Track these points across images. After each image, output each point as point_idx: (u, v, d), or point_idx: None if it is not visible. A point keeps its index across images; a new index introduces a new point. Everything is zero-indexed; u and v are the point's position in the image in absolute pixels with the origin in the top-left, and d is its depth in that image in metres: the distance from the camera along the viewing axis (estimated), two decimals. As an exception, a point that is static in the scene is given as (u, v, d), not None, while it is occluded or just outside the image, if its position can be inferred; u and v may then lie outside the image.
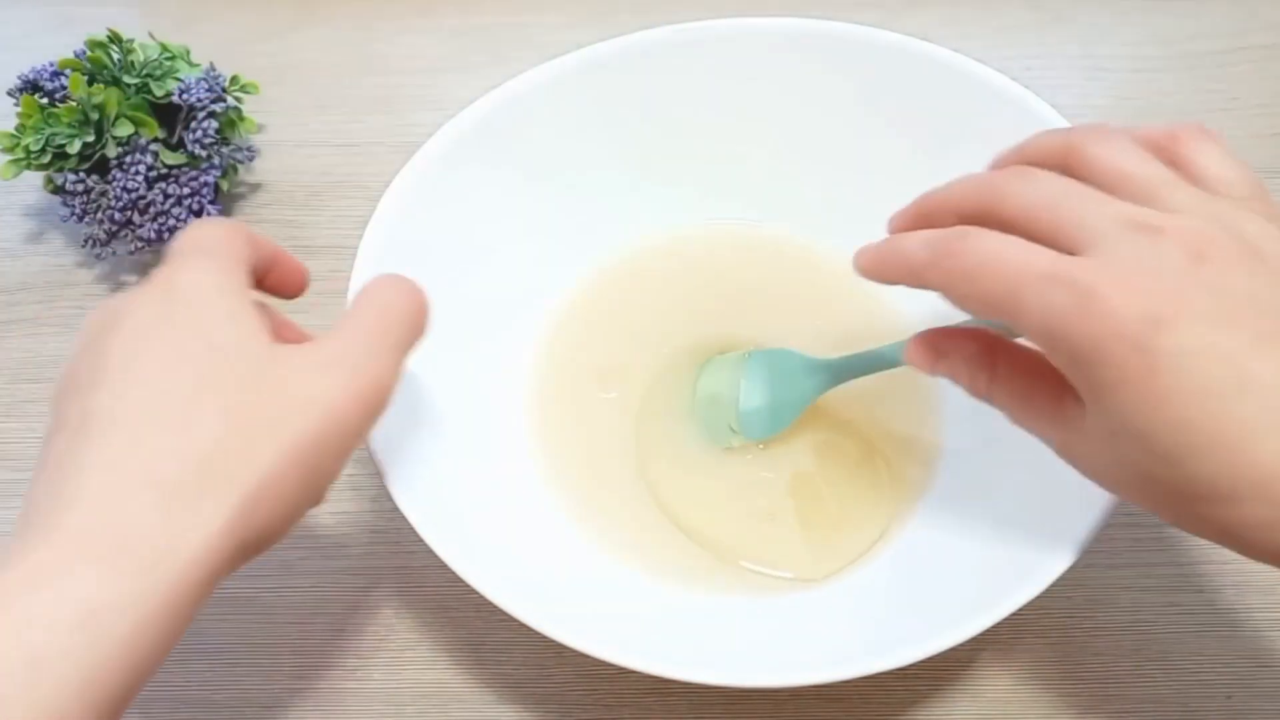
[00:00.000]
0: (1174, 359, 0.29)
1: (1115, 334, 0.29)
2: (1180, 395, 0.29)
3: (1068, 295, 0.29)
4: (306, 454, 0.32)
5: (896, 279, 0.34)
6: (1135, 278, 0.29)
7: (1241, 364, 0.29)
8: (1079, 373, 0.31)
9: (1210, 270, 0.29)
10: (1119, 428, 0.30)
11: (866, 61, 0.48)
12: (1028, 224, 0.31)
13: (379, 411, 0.34)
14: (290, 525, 0.33)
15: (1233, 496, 0.29)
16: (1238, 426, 0.28)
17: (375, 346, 0.34)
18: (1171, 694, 0.43)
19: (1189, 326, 0.29)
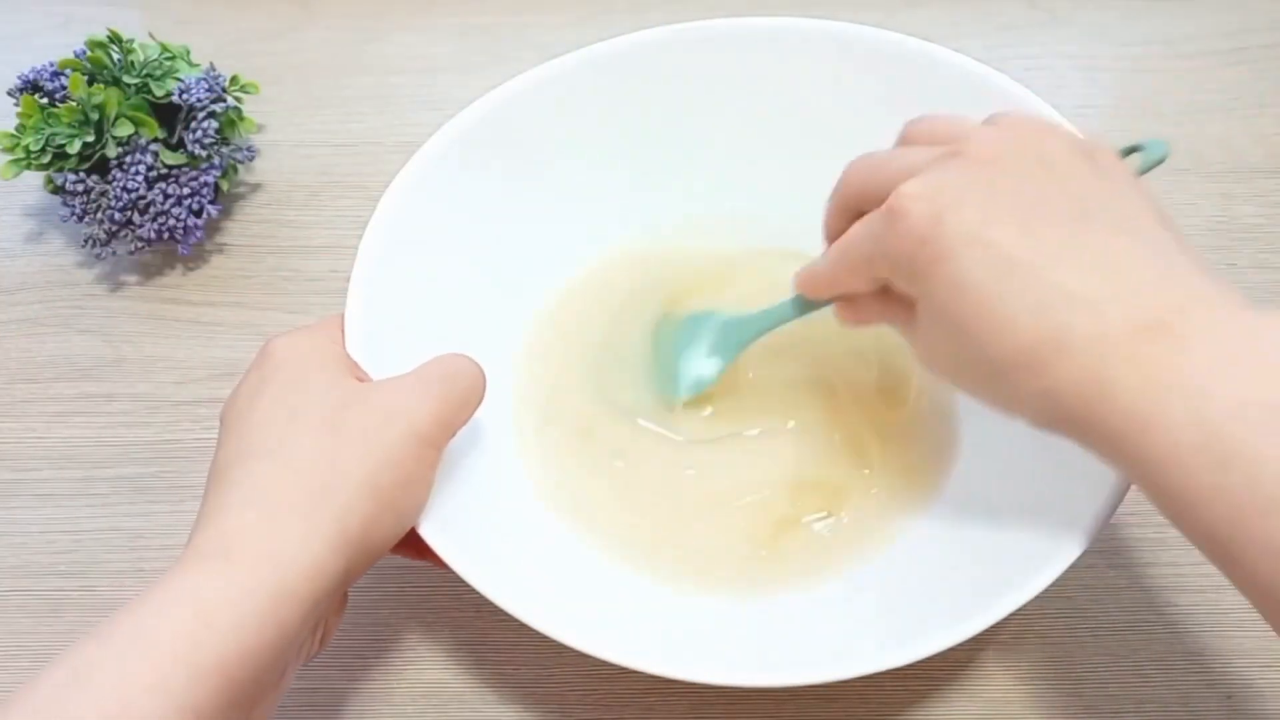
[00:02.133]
0: (952, 246, 0.33)
1: (911, 235, 0.34)
2: (961, 279, 0.33)
3: (883, 221, 0.35)
4: (396, 458, 0.37)
5: (820, 295, 0.41)
6: (927, 190, 0.34)
7: (1009, 250, 0.32)
8: (903, 279, 0.35)
9: (993, 172, 0.34)
10: (933, 316, 0.34)
11: (866, 61, 0.48)
12: (868, 191, 0.37)
13: (453, 430, 0.39)
14: (392, 528, 0.37)
15: (1010, 370, 0.33)
16: (1005, 306, 0.32)
17: (446, 386, 0.39)
18: (1171, 694, 0.43)
19: (964, 216, 0.33)
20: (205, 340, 0.54)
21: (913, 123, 0.38)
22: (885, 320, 0.38)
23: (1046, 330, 0.31)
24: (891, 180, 0.35)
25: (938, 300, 0.34)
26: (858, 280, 0.37)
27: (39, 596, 0.48)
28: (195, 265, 0.56)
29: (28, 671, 0.45)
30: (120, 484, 0.50)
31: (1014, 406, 0.34)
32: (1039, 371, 0.32)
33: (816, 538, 0.45)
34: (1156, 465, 0.30)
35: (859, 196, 0.37)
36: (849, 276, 0.38)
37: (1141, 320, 0.31)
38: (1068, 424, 0.32)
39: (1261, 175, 0.56)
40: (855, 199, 0.38)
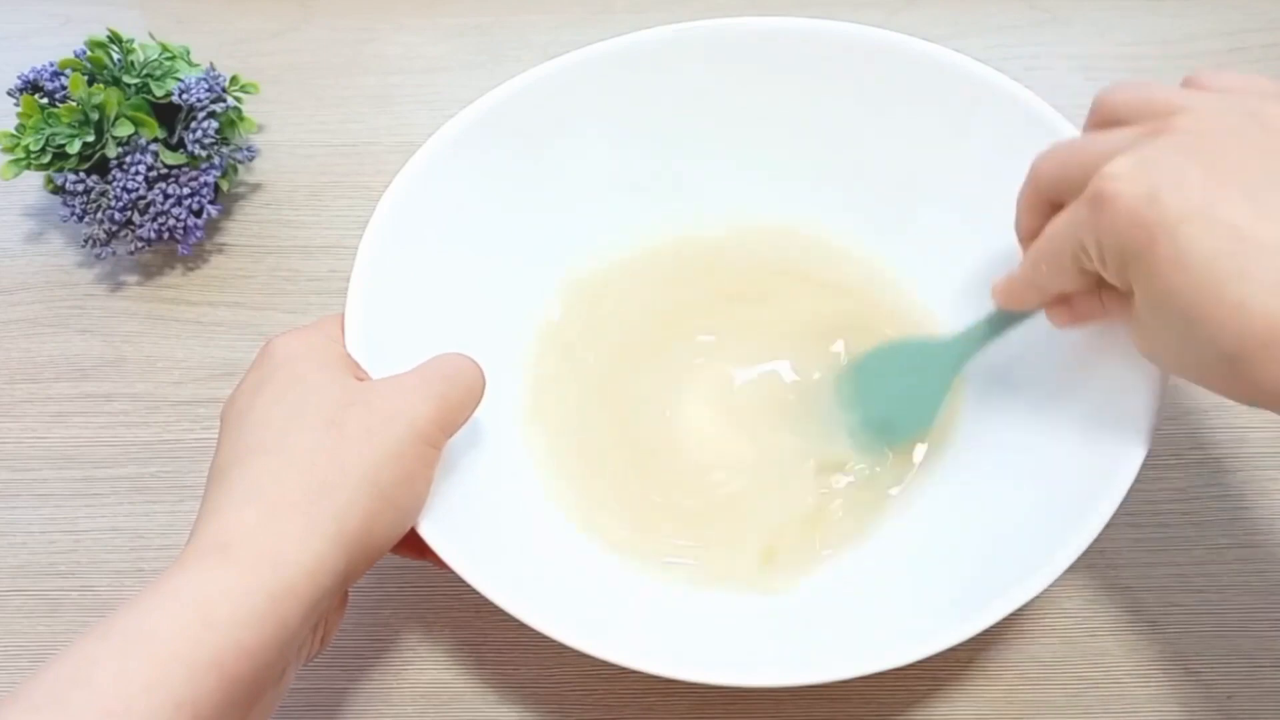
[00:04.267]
0: (1170, 228, 0.30)
1: (1124, 218, 0.31)
2: (1182, 261, 0.30)
3: (1089, 208, 0.32)
4: (396, 456, 0.36)
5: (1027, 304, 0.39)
6: (1138, 168, 0.31)
7: (1236, 225, 0.30)
8: (1116, 269, 0.33)
9: (1208, 146, 0.31)
10: (1153, 305, 0.32)
11: (866, 61, 0.48)
12: (1066, 181, 0.34)
13: (453, 429, 0.39)
14: (392, 527, 0.37)
15: (1244, 356, 0.30)
16: (1236, 286, 0.30)
17: (446, 386, 0.39)
18: (1171, 694, 0.43)
19: (1181, 195, 0.30)
20: (205, 340, 0.54)
21: (1107, 95, 0.35)
22: (1106, 317, 0.36)
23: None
24: (1093, 164, 0.32)
25: (1159, 286, 0.31)
26: (1065, 279, 0.35)
27: (38, 596, 0.48)
28: (195, 265, 0.56)
29: (27, 671, 0.45)
30: (120, 484, 0.50)
31: (1253, 396, 0.31)
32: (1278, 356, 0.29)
33: (817, 538, 0.45)
34: None
35: (1055, 187, 0.35)
36: (1056, 276, 0.36)
37: None
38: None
39: (1261, 175, 0.56)
40: (1051, 190, 0.35)
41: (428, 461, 0.38)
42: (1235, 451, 0.48)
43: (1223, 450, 0.48)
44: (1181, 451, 0.48)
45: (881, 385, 0.45)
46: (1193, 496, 0.47)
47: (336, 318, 0.43)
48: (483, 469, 0.43)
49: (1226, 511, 0.47)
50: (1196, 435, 0.48)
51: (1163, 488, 0.47)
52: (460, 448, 0.42)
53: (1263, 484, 0.47)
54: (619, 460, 0.47)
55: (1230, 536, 0.46)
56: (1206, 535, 0.46)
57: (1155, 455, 0.46)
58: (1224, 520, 0.46)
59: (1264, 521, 0.46)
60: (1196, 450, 0.48)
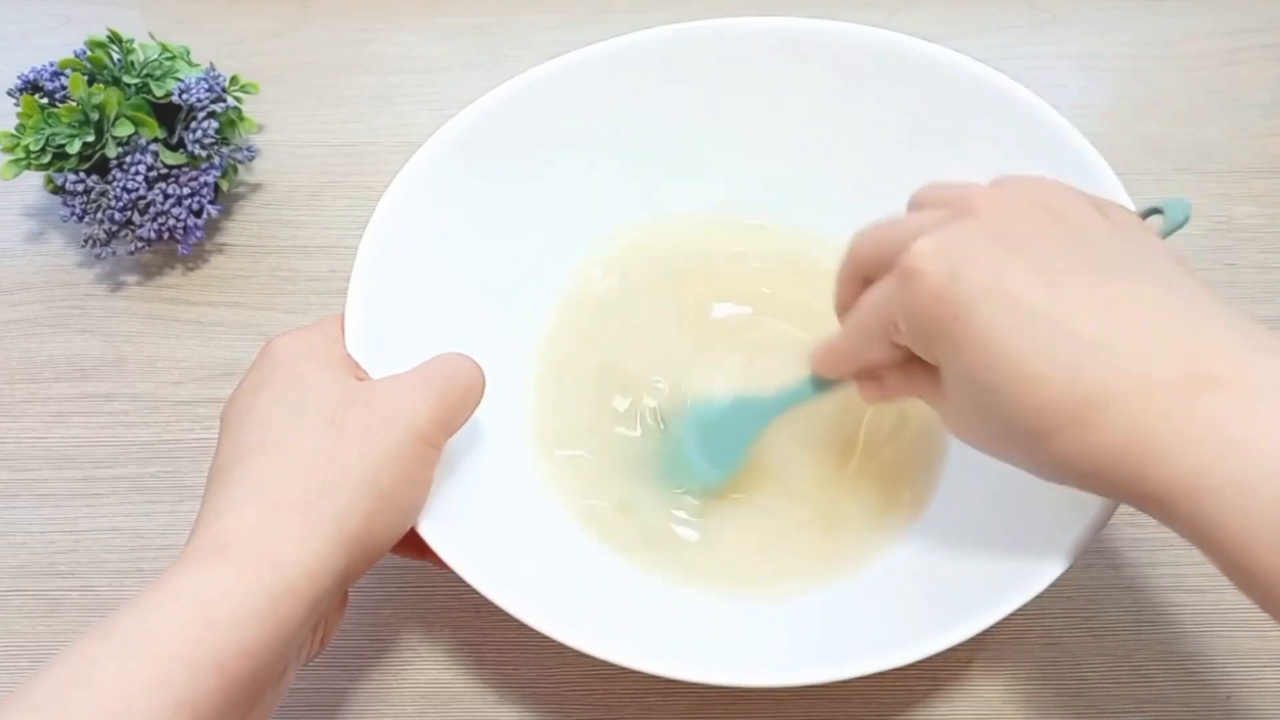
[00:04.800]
0: (970, 303, 0.31)
1: (928, 294, 0.32)
2: (984, 336, 0.31)
3: (897, 284, 0.34)
4: (396, 456, 0.36)
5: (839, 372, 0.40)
6: (942, 246, 0.33)
7: (1031, 300, 0.31)
8: (923, 344, 0.34)
9: (1005, 226, 0.32)
10: (957, 381, 0.33)
11: (866, 61, 0.48)
12: (879, 258, 0.36)
13: (453, 429, 0.39)
14: (392, 527, 0.37)
15: (1043, 432, 0.31)
16: (1032, 361, 0.31)
17: (445, 385, 0.39)
18: (1171, 694, 0.43)
19: (981, 269, 0.32)
20: (205, 340, 0.54)
21: (920, 190, 0.37)
22: (911, 393, 0.37)
23: (1084, 386, 0.30)
24: (902, 243, 0.34)
25: (963, 362, 0.32)
26: (876, 350, 0.36)
27: (38, 596, 0.48)
28: (195, 265, 0.56)
29: (27, 671, 0.45)
30: (120, 484, 0.50)
31: (1055, 471, 0.32)
32: (1076, 430, 0.30)
33: (817, 539, 0.45)
34: (1208, 524, 0.28)
35: (870, 264, 0.36)
36: (867, 347, 0.37)
37: (1189, 372, 0.29)
38: (1108, 483, 0.31)
39: (1261, 176, 0.56)
40: (866, 267, 0.37)
41: (428, 461, 0.38)
42: (1235, 451, 0.48)
43: (1223, 450, 0.48)
44: (1181, 451, 0.48)
45: (703, 435, 0.46)
46: (1193, 496, 0.47)
47: (336, 318, 0.43)
48: (483, 469, 0.43)
49: (1226, 511, 0.47)
50: (1196, 435, 0.48)
51: (1163, 488, 0.47)
52: (460, 448, 0.42)
53: (1263, 484, 0.47)
54: (619, 459, 0.47)
55: (1230, 536, 0.46)
56: (1206, 535, 0.46)
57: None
58: (1224, 520, 0.46)
59: (1264, 521, 0.46)
60: (1196, 450, 0.48)
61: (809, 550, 0.44)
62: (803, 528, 0.45)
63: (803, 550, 0.44)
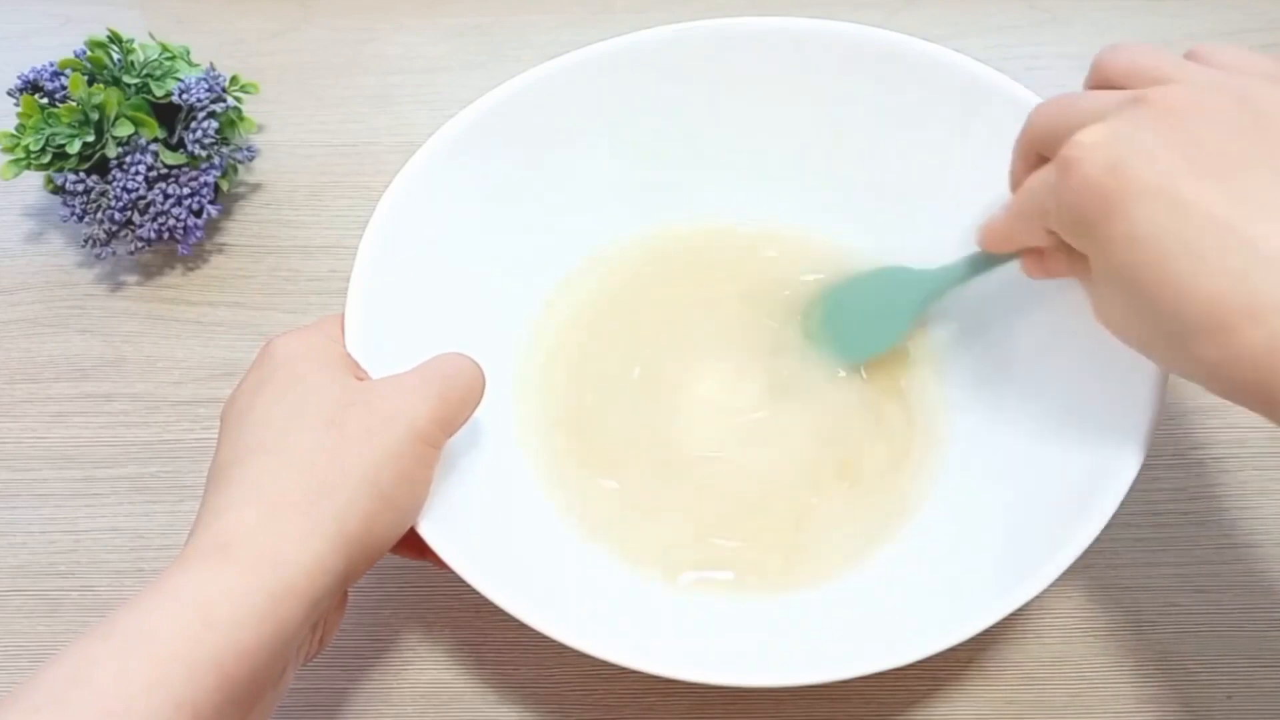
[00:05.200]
0: (1128, 199, 0.30)
1: (1085, 188, 0.31)
2: (1137, 235, 0.30)
3: (1056, 172, 0.33)
4: (396, 456, 0.36)
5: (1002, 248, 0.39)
6: (1106, 139, 0.31)
7: (1194, 203, 0.29)
8: (1074, 235, 0.33)
9: (1184, 121, 0.31)
10: (1105, 274, 0.32)
11: (866, 61, 0.48)
12: (1052, 136, 0.34)
13: (453, 429, 0.39)
14: (392, 527, 0.37)
15: (1185, 334, 0.30)
16: (1187, 264, 0.30)
17: (445, 385, 0.39)
18: (1171, 694, 0.43)
19: (1144, 167, 0.30)
20: (205, 340, 0.54)
21: (1106, 56, 0.35)
22: (1072, 274, 0.36)
23: (1235, 294, 0.29)
24: (1076, 124, 0.32)
25: (1112, 258, 0.31)
26: (1033, 234, 0.36)
27: (38, 596, 0.48)
28: (195, 265, 0.56)
29: (27, 671, 0.45)
30: (120, 484, 0.50)
31: (1193, 372, 0.32)
32: (1224, 339, 0.29)
33: (817, 539, 0.45)
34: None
35: (1043, 141, 0.35)
36: (1025, 230, 0.36)
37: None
38: (1251, 394, 0.30)
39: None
40: (1039, 142, 0.35)
41: (427, 461, 0.38)
42: (1235, 451, 0.48)
43: (1223, 450, 0.48)
44: (1181, 451, 0.48)
45: (856, 305, 0.45)
46: (1193, 496, 0.47)
47: (336, 318, 0.43)
48: (483, 469, 0.43)
49: (1226, 511, 0.47)
50: (1196, 435, 0.48)
51: (1163, 488, 0.47)
52: (460, 448, 0.42)
53: (1263, 484, 0.47)
54: (619, 459, 0.47)
55: (1230, 536, 0.46)
56: (1206, 535, 0.46)
57: (1155, 455, 0.47)
58: (1224, 520, 0.46)
59: (1264, 521, 0.46)
60: (1196, 450, 0.48)
61: (809, 550, 0.44)
62: (802, 528, 0.45)
63: (803, 550, 0.44)
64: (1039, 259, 0.38)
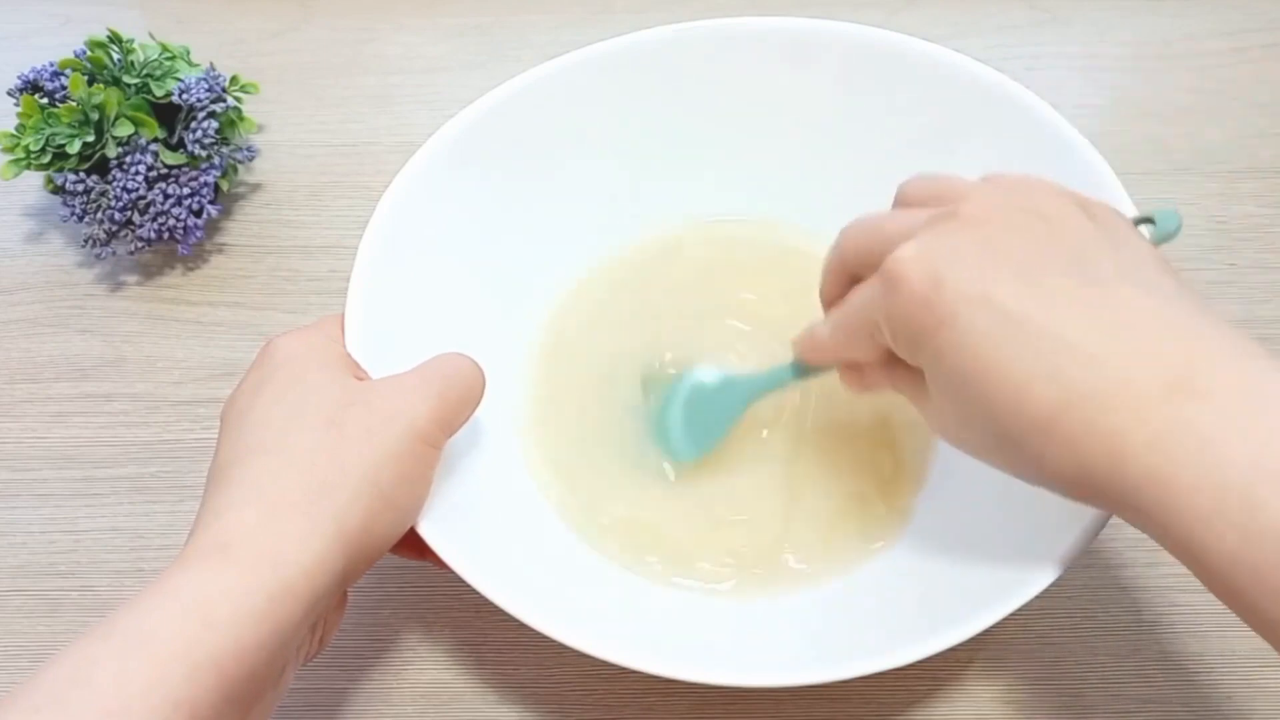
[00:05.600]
0: (953, 309, 0.32)
1: (912, 300, 0.32)
2: (965, 343, 0.31)
3: (881, 287, 0.34)
4: (396, 456, 0.36)
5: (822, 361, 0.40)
6: (924, 252, 0.33)
7: (1012, 307, 0.31)
8: (906, 348, 0.34)
9: (989, 229, 0.32)
10: (939, 385, 0.33)
11: (867, 61, 0.48)
12: (865, 256, 0.36)
13: (452, 430, 0.39)
14: (392, 527, 0.37)
15: (1026, 437, 0.31)
16: (1012, 368, 0.31)
17: (445, 386, 0.39)
18: (1171, 694, 0.43)
19: (963, 276, 0.32)
20: (205, 340, 0.54)
21: (907, 183, 0.37)
22: (892, 388, 0.37)
23: (1060, 392, 0.30)
24: (888, 243, 0.34)
25: (944, 367, 0.32)
26: (859, 348, 0.37)
27: (38, 596, 0.48)
28: (195, 265, 0.56)
29: (27, 671, 0.45)
30: (120, 484, 0.50)
31: (1027, 471, 0.33)
32: (1056, 438, 0.30)
33: (817, 540, 0.44)
34: (1178, 526, 0.29)
35: (855, 261, 0.37)
36: (851, 345, 0.37)
37: (1167, 378, 0.29)
38: (1083, 488, 0.31)
39: (1261, 175, 0.56)
40: (852, 263, 0.37)
41: (427, 461, 0.38)
42: (1235, 451, 0.48)
43: (1223, 450, 0.48)
44: (1181, 451, 0.48)
45: (685, 409, 0.46)
46: (1193, 496, 0.47)
47: (336, 318, 0.43)
48: (483, 469, 0.43)
49: (1226, 511, 0.47)
50: (1196, 435, 0.48)
51: (1163, 488, 0.47)
52: (460, 448, 0.42)
53: (1263, 484, 0.47)
54: (618, 459, 0.47)
55: (1230, 536, 0.46)
56: (1206, 535, 0.46)
57: (1155, 455, 0.46)
58: (1224, 520, 0.46)
59: (1264, 521, 0.46)
60: (1196, 450, 0.48)
61: (809, 550, 0.44)
62: (802, 528, 0.45)
63: (803, 550, 0.44)
64: (858, 374, 0.39)
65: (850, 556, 0.44)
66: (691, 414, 0.46)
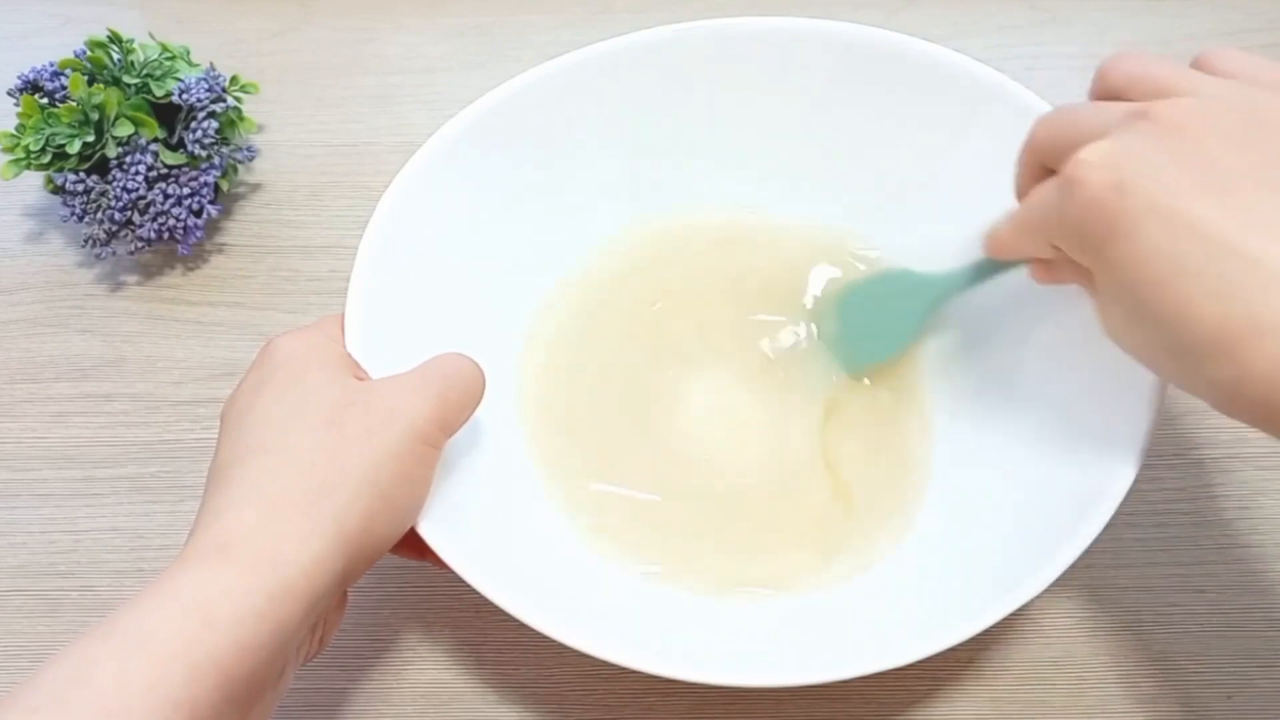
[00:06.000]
0: (1133, 219, 0.30)
1: (1090, 206, 0.31)
2: (1141, 255, 0.30)
3: (1059, 189, 0.33)
4: (396, 456, 0.37)
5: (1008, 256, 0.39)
6: (1110, 157, 0.31)
7: (1199, 223, 0.29)
8: (1079, 253, 0.33)
9: (1189, 138, 0.30)
10: (1117, 293, 0.32)
11: (867, 61, 0.48)
12: (1056, 149, 0.34)
13: (452, 430, 0.39)
14: (392, 527, 0.37)
15: (1196, 354, 0.30)
16: (1191, 284, 0.29)
17: (445, 386, 0.39)
18: (1171, 694, 0.43)
19: (1148, 186, 0.30)
20: (205, 340, 0.54)
21: (1111, 62, 0.34)
22: (1079, 282, 0.36)
23: (1239, 314, 0.29)
24: (1079, 139, 0.32)
25: (1117, 276, 0.31)
26: (1038, 247, 0.36)
27: (38, 596, 0.48)
28: (195, 265, 0.56)
29: (27, 671, 0.45)
30: (120, 484, 0.50)
31: (1201, 391, 0.31)
32: (1228, 358, 0.29)
33: (818, 539, 0.45)
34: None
35: (1046, 153, 0.35)
36: (1030, 242, 0.36)
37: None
38: (1256, 413, 0.30)
39: (1261, 175, 0.56)
40: (1043, 155, 0.35)
41: (427, 461, 0.38)
42: (1235, 451, 0.48)
43: (1223, 450, 0.48)
44: (1181, 451, 0.48)
45: (864, 311, 0.45)
46: (1193, 496, 0.47)
47: (336, 318, 0.43)
48: (483, 469, 0.43)
49: (1226, 511, 0.47)
50: (1196, 435, 0.48)
51: (1163, 488, 0.47)
52: (460, 448, 0.42)
53: (1263, 484, 0.47)
54: (619, 460, 0.47)
55: (1230, 536, 0.46)
56: (1207, 535, 0.46)
57: (1155, 455, 0.47)
58: (1224, 520, 0.46)
59: (1264, 521, 0.46)
60: (1196, 450, 0.48)
61: (809, 551, 0.44)
62: (803, 528, 0.45)
63: (803, 551, 0.44)
64: (1046, 267, 0.38)
65: (851, 557, 0.44)
66: (874, 316, 0.45)
